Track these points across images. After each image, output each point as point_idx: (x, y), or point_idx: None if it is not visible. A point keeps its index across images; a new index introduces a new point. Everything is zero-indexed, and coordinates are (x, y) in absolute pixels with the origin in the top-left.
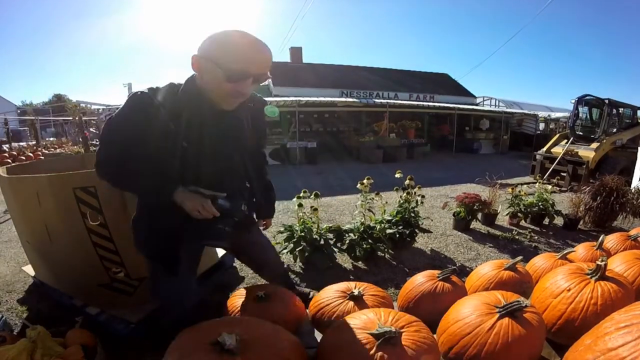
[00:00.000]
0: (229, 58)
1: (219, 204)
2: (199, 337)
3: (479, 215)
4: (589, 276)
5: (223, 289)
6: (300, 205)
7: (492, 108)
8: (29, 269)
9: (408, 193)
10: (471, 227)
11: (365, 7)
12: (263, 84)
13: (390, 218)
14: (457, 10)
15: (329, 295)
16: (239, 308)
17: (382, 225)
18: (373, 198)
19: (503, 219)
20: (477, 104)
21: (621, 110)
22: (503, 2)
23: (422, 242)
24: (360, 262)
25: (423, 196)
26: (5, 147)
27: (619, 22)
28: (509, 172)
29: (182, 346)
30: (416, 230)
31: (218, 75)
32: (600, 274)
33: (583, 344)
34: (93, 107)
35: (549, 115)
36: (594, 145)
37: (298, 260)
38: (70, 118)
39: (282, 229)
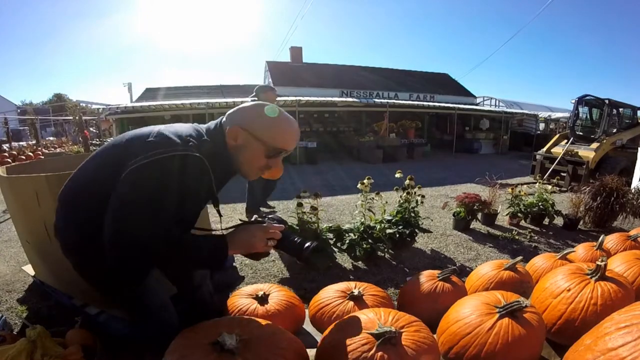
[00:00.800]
0: (276, 138)
1: (271, 219)
2: (199, 337)
3: (479, 215)
4: (589, 276)
5: (223, 289)
6: (300, 205)
7: (492, 108)
8: (29, 269)
9: (408, 193)
10: (471, 227)
11: (365, 7)
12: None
13: (390, 218)
14: (457, 10)
15: (329, 295)
16: (239, 308)
17: (382, 225)
18: (373, 198)
19: (503, 219)
20: (477, 104)
21: (621, 110)
22: (503, 2)
23: (422, 242)
24: (360, 262)
25: (423, 196)
26: (5, 146)
27: (619, 22)
28: (509, 172)
29: (182, 346)
30: (416, 230)
31: (259, 151)
32: (600, 274)
33: (583, 344)
34: (93, 106)
35: (549, 116)
36: (594, 145)
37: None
38: (70, 118)
39: None
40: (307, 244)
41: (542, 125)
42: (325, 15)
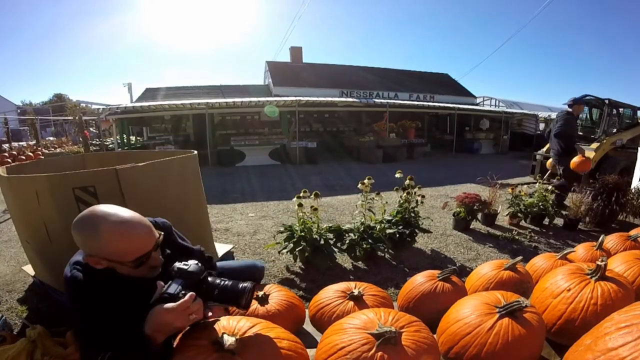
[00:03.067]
0: (125, 254)
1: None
2: (200, 337)
3: (479, 215)
4: (589, 276)
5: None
6: (300, 205)
7: (492, 108)
8: (29, 269)
9: (408, 193)
10: (471, 227)
11: (365, 6)
12: (263, 83)
13: (390, 218)
14: (457, 10)
15: (329, 295)
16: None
17: (382, 225)
18: (373, 198)
19: (503, 219)
20: (477, 104)
21: (621, 110)
22: (503, 1)
23: (422, 242)
24: (360, 262)
25: (423, 196)
26: (5, 146)
27: (620, 22)
28: (509, 172)
29: (182, 346)
30: (416, 230)
31: (127, 268)
32: (600, 274)
33: (583, 344)
34: (93, 106)
35: (549, 115)
36: (594, 145)
37: (298, 260)
38: (70, 118)
39: (282, 229)
40: (241, 286)
41: (542, 125)
42: (325, 15)
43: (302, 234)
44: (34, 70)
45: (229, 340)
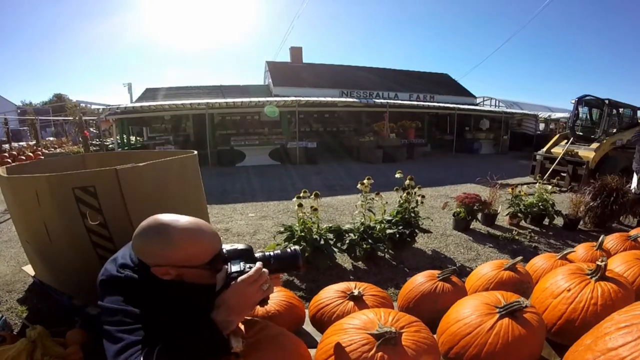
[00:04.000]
0: (201, 256)
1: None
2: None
3: (479, 216)
4: (589, 276)
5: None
6: (300, 205)
7: (492, 108)
8: (29, 269)
9: (408, 193)
10: (471, 227)
11: (365, 6)
12: (263, 84)
13: (390, 218)
14: (457, 10)
15: (329, 296)
16: None
17: (382, 225)
18: (373, 198)
19: (503, 219)
20: (477, 104)
21: (621, 110)
22: (503, 1)
23: (422, 242)
24: (360, 262)
25: (423, 196)
26: (5, 146)
27: (620, 22)
28: (509, 172)
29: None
30: (416, 230)
31: (197, 273)
32: (600, 274)
33: (583, 344)
34: (93, 106)
35: (549, 116)
36: (594, 145)
37: None
38: (70, 118)
39: (282, 229)
40: (291, 249)
41: (542, 126)
42: (325, 15)
43: (302, 234)
44: (34, 70)
45: (234, 342)
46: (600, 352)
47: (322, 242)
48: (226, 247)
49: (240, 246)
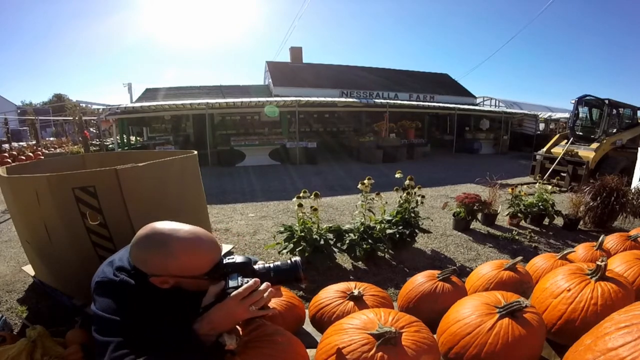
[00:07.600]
0: (201, 266)
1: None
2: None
3: (479, 216)
4: (589, 276)
5: None
6: (300, 205)
7: (492, 108)
8: (29, 269)
9: (408, 193)
10: (471, 227)
11: (365, 6)
12: (263, 84)
13: (390, 218)
14: (457, 10)
15: (329, 296)
16: None
17: (382, 225)
18: (373, 198)
19: (503, 219)
20: (477, 104)
21: (621, 110)
22: (503, 2)
23: (422, 242)
24: (360, 262)
25: (423, 196)
26: (5, 146)
27: (620, 22)
28: (509, 172)
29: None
30: (416, 230)
31: (196, 283)
32: (600, 274)
33: (583, 344)
34: (93, 107)
35: (549, 116)
36: (594, 145)
37: None
38: (70, 118)
39: (282, 229)
40: (292, 261)
41: (542, 126)
42: (326, 15)
43: (302, 234)
44: (34, 71)
45: (229, 340)
46: (600, 352)
47: (322, 242)
48: (225, 260)
49: (239, 259)
